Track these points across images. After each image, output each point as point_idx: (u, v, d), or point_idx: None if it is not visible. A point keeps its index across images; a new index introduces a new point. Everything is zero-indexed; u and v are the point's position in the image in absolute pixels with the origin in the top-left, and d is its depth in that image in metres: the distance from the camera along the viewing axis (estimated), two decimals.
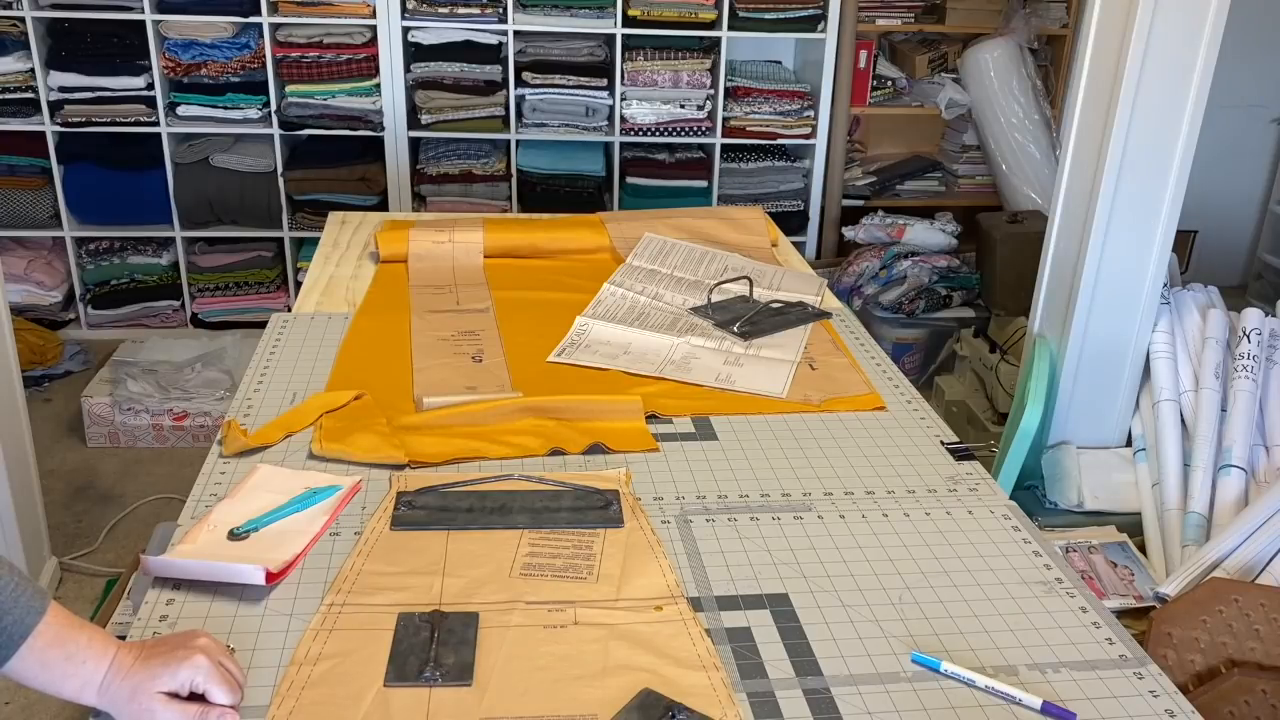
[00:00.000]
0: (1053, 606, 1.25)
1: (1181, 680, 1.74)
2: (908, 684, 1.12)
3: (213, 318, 4.02)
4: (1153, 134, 2.20)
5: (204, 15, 3.65)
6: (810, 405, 1.69)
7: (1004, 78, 3.99)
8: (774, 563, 1.30)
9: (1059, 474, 2.39)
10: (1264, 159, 4.66)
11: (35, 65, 3.64)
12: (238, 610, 1.17)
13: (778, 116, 3.98)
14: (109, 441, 3.37)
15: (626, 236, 2.28)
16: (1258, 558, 1.92)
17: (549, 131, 3.90)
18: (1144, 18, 2.11)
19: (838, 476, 1.50)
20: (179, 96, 3.77)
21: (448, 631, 1.14)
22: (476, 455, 1.49)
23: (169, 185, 3.84)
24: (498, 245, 2.24)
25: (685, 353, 1.83)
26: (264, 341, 1.84)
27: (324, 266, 2.20)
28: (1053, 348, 2.43)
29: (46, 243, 3.99)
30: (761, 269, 2.18)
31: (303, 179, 3.87)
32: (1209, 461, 2.18)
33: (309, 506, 1.35)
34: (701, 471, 1.49)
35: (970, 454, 1.57)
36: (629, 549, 1.30)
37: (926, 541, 1.36)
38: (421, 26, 3.75)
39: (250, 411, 1.60)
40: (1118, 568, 2.11)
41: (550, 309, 1.97)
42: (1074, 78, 2.43)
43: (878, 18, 4.05)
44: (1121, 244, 2.29)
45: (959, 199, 4.30)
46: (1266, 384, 2.28)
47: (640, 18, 3.75)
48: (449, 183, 3.89)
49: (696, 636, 1.16)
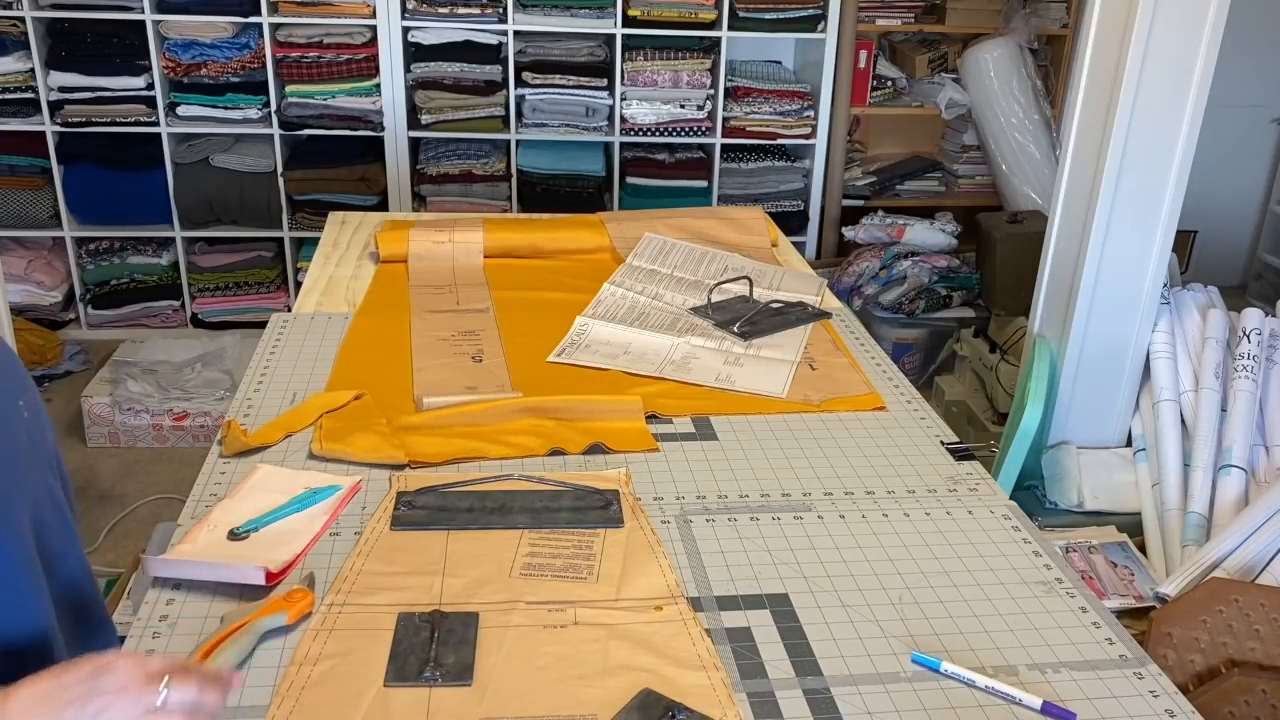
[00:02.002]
0: (1053, 606, 1.25)
1: (1181, 680, 1.74)
2: (908, 684, 1.11)
3: (213, 318, 4.02)
4: (1153, 134, 2.20)
5: (204, 15, 3.65)
6: (810, 405, 1.69)
7: (1004, 78, 3.99)
8: (774, 563, 1.30)
9: (1059, 474, 2.39)
10: (1264, 159, 4.66)
11: (35, 65, 3.64)
12: (238, 610, 1.17)
13: (778, 116, 3.98)
14: (109, 441, 3.37)
15: (626, 236, 2.28)
16: (1258, 558, 1.92)
17: (549, 131, 3.90)
18: (1144, 18, 2.11)
19: (838, 476, 1.50)
20: (179, 96, 3.77)
21: (448, 631, 1.14)
22: (476, 455, 1.49)
23: (169, 185, 3.84)
24: (498, 245, 2.24)
25: (685, 353, 1.83)
26: (264, 341, 1.84)
27: (324, 266, 2.20)
28: (1053, 348, 2.43)
29: (46, 243, 3.99)
30: (761, 269, 2.18)
31: (303, 179, 3.87)
32: (1209, 461, 2.18)
33: (309, 506, 1.35)
34: (701, 471, 1.49)
35: (970, 454, 1.57)
36: (629, 549, 1.30)
37: (926, 541, 1.36)
38: (421, 26, 3.75)
39: (250, 411, 1.60)
40: (1118, 568, 2.11)
41: (550, 309, 1.97)
42: (1074, 78, 2.43)
43: (878, 18, 4.05)
44: (1121, 244, 2.29)
45: (959, 199, 4.30)
46: (1266, 384, 2.28)
47: (640, 18, 3.75)
48: (449, 183, 3.89)
49: (696, 636, 1.16)
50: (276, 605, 1.15)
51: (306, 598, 1.17)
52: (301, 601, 1.16)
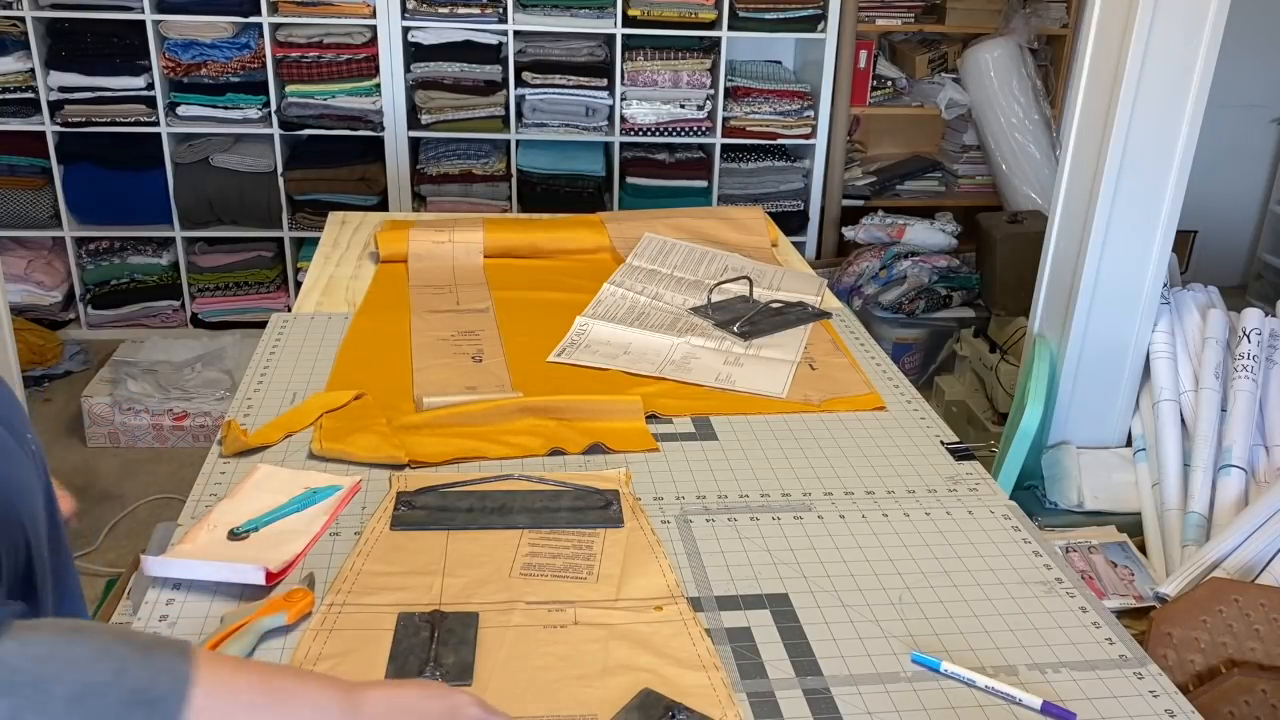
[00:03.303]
0: (1053, 606, 1.25)
1: (1181, 680, 1.74)
2: (908, 684, 1.12)
3: (213, 318, 4.02)
4: (1153, 134, 2.20)
5: (204, 15, 3.65)
6: (810, 405, 1.69)
7: (1004, 78, 3.99)
8: (774, 563, 1.30)
9: (1059, 474, 2.39)
10: (1264, 159, 4.66)
11: (35, 65, 3.64)
12: (238, 611, 1.17)
13: (778, 116, 3.98)
14: (109, 441, 3.37)
15: (626, 236, 2.28)
16: (1258, 558, 1.92)
17: (549, 131, 3.90)
18: (1144, 18, 2.11)
19: (838, 476, 1.50)
20: (179, 96, 3.77)
21: (448, 631, 1.14)
22: (476, 455, 1.49)
23: (169, 185, 3.84)
24: (498, 245, 2.24)
25: (685, 353, 1.83)
26: (264, 341, 1.84)
27: (324, 266, 2.20)
28: (1053, 348, 2.43)
29: (46, 243, 3.99)
30: (761, 269, 2.18)
31: (303, 179, 3.87)
32: (1209, 461, 2.18)
33: (309, 506, 1.35)
34: (701, 471, 1.49)
35: (970, 454, 1.57)
36: (629, 549, 1.30)
37: (926, 541, 1.36)
38: (421, 26, 3.75)
39: (250, 411, 1.60)
40: (1118, 568, 2.11)
41: (550, 309, 1.97)
42: (1074, 78, 2.43)
43: (878, 18, 4.05)
44: (1121, 244, 2.29)
45: (959, 199, 4.30)
46: (1266, 384, 2.28)
47: (640, 18, 3.75)
48: (449, 183, 3.89)
49: (696, 636, 1.16)
50: (276, 605, 1.15)
51: (306, 598, 1.17)
52: (301, 601, 1.16)
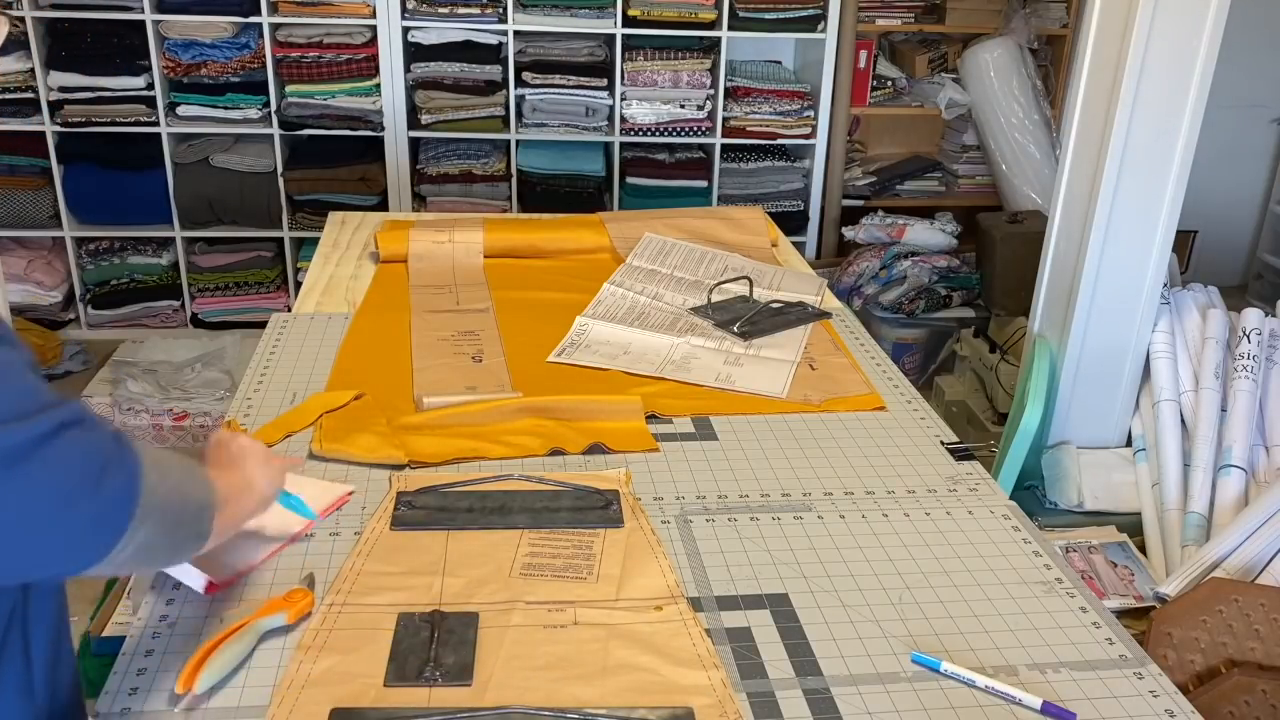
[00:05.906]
0: (1053, 606, 1.25)
1: (1181, 680, 1.74)
2: (908, 684, 1.12)
3: (213, 318, 4.02)
4: (1153, 134, 2.20)
5: (204, 15, 3.65)
6: (810, 405, 1.69)
7: (1004, 78, 3.99)
8: (774, 563, 1.30)
9: (1059, 474, 2.39)
10: (1264, 159, 4.65)
11: (35, 65, 3.64)
12: (238, 611, 1.17)
13: (778, 116, 3.98)
14: None
15: (626, 236, 2.28)
16: (1258, 558, 1.92)
17: (549, 131, 3.89)
18: (1144, 18, 2.11)
19: (838, 476, 1.50)
20: (179, 96, 3.77)
21: (448, 631, 1.14)
22: (476, 455, 1.49)
23: (169, 185, 3.84)
24: (498, 245, 2.24)
25: (685, 353, 1.83)
26: (264, 341, 1.84)
27: (324, 266, 2.20)
28: (1053, 348, 2.43)
29: (46, 243, 3.99)
30: (761, 269, 2.18)
31: (303, 179, 3.87)
32: (1209, 461, 2.18)
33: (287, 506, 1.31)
34: (701, 471, 1.49)
35: (970, 454, 1.57)
36: (629, 549, 1.30)
37: (926, 541, 1.36)
38: (421, 26, 3.75)
39: (250, 411, 1.60)
40: (1118, 568, 2.11)
41: (550, 309, 1.97)
42: (1074, 78, 2.43)
43: (878, 18, 4.05)
44: (1121, 244, 2.29)
45: (959, 199, 4.30)
46: (1266, 384, 2.28)
47: (640, 18, 3.75)
48: (449, 183, 3.89)
49: (696, 636, 1.16)
50: (276, 605, 1.15)
51: (306, 598, 1.17)
52: (301, 601, 1.16)
